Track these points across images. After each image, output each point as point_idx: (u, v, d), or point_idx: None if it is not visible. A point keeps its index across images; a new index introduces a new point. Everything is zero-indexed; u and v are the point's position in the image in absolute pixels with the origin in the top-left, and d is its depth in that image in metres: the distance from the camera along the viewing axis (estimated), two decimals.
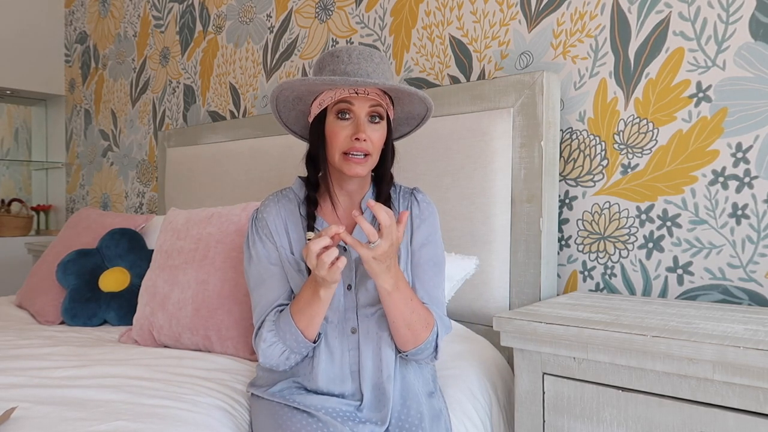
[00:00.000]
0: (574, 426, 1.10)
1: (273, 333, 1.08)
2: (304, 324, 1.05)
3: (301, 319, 1.05)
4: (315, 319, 1.05)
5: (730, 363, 0.92)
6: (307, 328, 1.05)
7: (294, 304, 1.07)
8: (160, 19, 2.87)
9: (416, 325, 1.06)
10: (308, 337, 1.06)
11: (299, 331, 1.05)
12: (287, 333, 1.06)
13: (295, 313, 1.06)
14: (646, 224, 1.47)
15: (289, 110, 1.18)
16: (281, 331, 1.07)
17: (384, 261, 0.98)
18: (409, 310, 1.05)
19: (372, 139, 1.07)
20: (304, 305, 1.04)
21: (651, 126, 1.46)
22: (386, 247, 0.96)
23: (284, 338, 1.06)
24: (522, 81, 1.53)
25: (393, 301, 1.03)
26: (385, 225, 0.95)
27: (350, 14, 2.08)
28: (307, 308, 1.04)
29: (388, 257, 0.98)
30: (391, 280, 1.01)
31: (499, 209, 1.55)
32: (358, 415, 1.07)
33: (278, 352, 1.08)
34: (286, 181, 2.05)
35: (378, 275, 1.00)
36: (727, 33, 1.35)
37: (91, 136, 3.35)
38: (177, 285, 1.52)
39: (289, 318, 1.06)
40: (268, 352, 1.08)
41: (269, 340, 1.08)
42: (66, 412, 1.02)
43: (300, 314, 1.05)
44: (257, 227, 1.15)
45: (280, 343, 1.07)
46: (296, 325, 1.05)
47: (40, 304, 1.90)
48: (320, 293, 1.01)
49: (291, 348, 1.07)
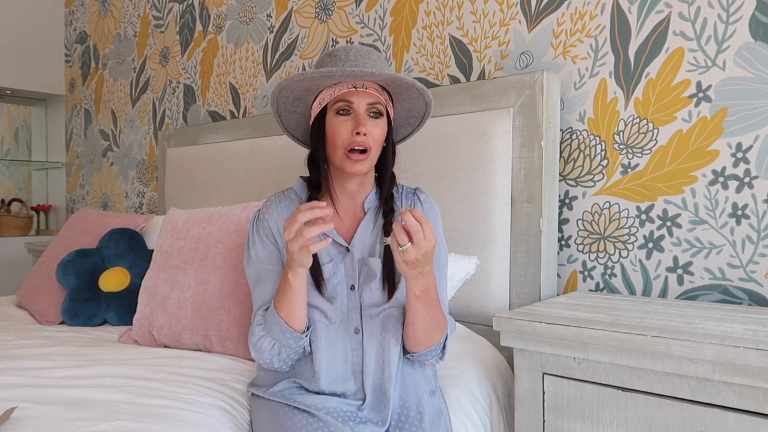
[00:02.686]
0: (574, 426, 1.10)
1: (261, 327, 1.09)
2: (284, 313, 1.05)
3: (282, 308, 1.06)
4: (293, 307, 1.05)
5: (730, 363, 0.92)
6: (289, 317, 1.05)
7: (276, 295, 1.08)
8: (160, 19, 2.87)
9: (432, 330, 1.07)
10: (293, 327, 1.06)
11: (283, 321, 1.05)
12: (273, 324, 1.07)
13: (276, 303, 1.07)
14: (646, 224, 1.47)
15: (290, 113, 1.18)
16: (268, 323, 1.08)
17: (416, 267, 0.97)
18: (431, 315, 1.05)
19: (373, 134, 1.07)
20: (280, 293, 1.06)
21: (651, 126, 1.46)
22: (418, 255, 0.95)
23: (271, 330, 1.07)
24: (522, 81, 1.53)
25: (419, 305, 1.03)
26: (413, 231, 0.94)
27: (350, 14, 2.08)
28: (283, 296, 1.05)
29: (420, 264, 0.96)
30: (421, 287, 1.00)
31: (499, 209, 1.55)
32: (359, 415, 1.07)
33: (268, 346, 1.08)
34: (286, 181, 2.05)
35: (409, 279, 0.99)
36: (727, 33, 1.36)
37: (91, 136, 3.35)
38: (177, 285, 1.52)
39: (272, 308, 1.07)
40: (258, 345, 1.09)
41: (258, 334, 1.09)
42: (66, 412, 1.02)
43: (279, 304, 1.06)
44: (258, 228, 1.15)
45: (269, 336, 1.08)
46: (278, 314, 1.06)
47: (40, 304, 1.90)
48: (289, 277, 1.02)
49: (279, 341, 1.07)
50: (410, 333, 1.08)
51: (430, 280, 1.01)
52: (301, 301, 1.05)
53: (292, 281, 1.02)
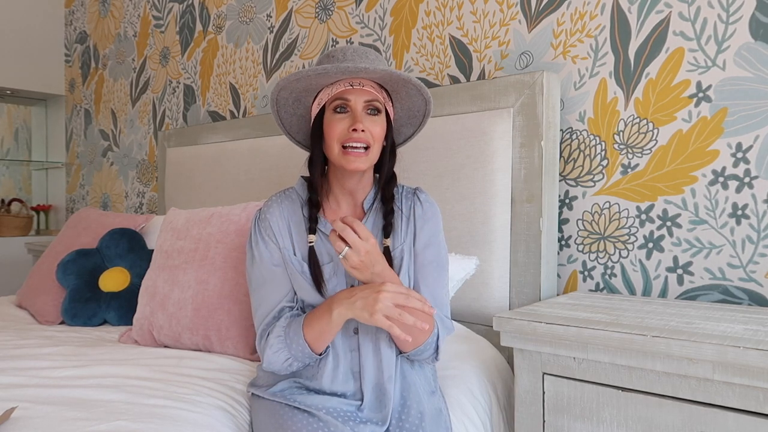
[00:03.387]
0: (574, 426, 1.10)
1: (281, 339, 1.08)
2: (312, 338, 1.05)
3: (310, 333, 1.05)
4: (324, 336, 1.05)
5: (730, 363, 0.92)
6: (315, 342, 1.06)
7: (307, 317, 1.07)
8: (160, 19, 2.87)
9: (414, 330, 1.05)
10: (315, 350, 1.07)
11: (306, 344, 1.05)
12: (294, 343, 1.06)
13: (306, 326, 1.06)
14: (646, 224, 1.47)
15: (291, 115, 1.18)
16: (289, 340, 1.07)
17: (365, 270, 0.99)
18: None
19: (372, 131, 1.06)
20: (317, 320, 1.05)
21: (651, 126, 1.46)
22: (357, 257, 0.97)
23: (291, 347, 1.07)
24: (522, 81, 1.53)
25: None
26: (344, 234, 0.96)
27: (350, 14, 2.08)
28: (317, 324, 1.05)
29: (368, 266, 0.99)
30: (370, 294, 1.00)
31: (499, 209, 1.55)
32: (359, 415, 1.07)
33: (282, 359, 1.08)
34: (286, 180, 2.05)
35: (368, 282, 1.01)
36: (727, 33, 1.36)
37: (91, 136, 3.35)
38: (177, 285, 1.52)
39: (299, 329, 1.06)
40: (272, 358, 1.08)
41: (275, 347, 1.08)
42: (66, 412, 1.02)
43: (310, 328, 1.05)
44: (260, 228, 1.15)
45: (286, 350, 1.07)
46: (305, 337, 1.05)
47: (40, 304, 1.90)
48: (335, 315, 1.02)
49: (295, 357, 1.07)
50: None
51: (387, 276, 1.02)
52: (334, 334, 1.05)
53: (337, 320, 1.02)
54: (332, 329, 1.04)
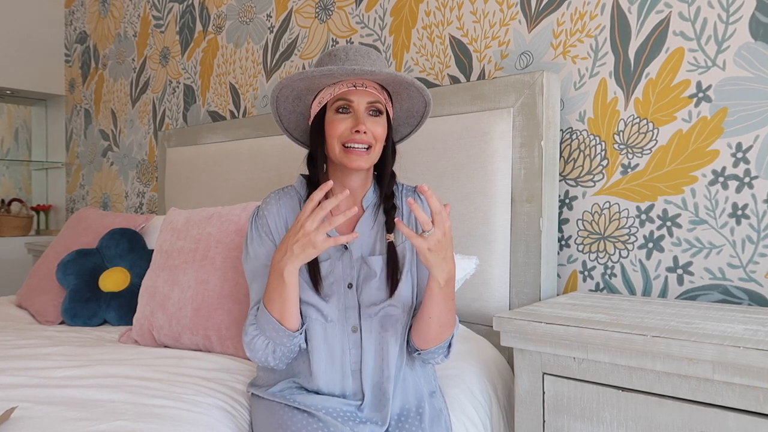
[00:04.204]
0: (574, 426, 1.10)
1: (254, 326, 1.08)
2: (277, 312, 1.04)
3: (274, 308, 1.04)
4: (287, 305, 1.03)
5: (730, 363, 0.92)
6: (282, 316, 1.04)
7: (265, 294, 1.06)
8: (160, 19, 2.87)
9: (446, 325, 1.06)
10: (287, 326, 1.05)
11: (275, 321, 1.04)
12: (265, 323, 1.05)
13: (267, 302, 1.05)
14: (646, 224, 1.47)
15: (290, 112, 1.18)
16: (260, 323, 1.06)
17: (439, 252, 0.96)
18: (448, 309, 1.04)
19: (374, 132, 1.07)
20: (272, 292, 1.04)
21: (651, 126, 1.46)
22: (440, 236, 0.95)
23: (264, 330, 1.06)
24: (522, 81, 1.53)
25: (439, 297, 1.02)
26: (436, 211, 0.94)
27: (350, 14, 2.08)
28: (276, 295, 1.03)
29: (443, 248, 0.96)
30: (445, 274, 0.99)
31: (499, 209, 1.55)
32: (359, 415, 1.07)
33: (262, 345, 1.07)
34: (285, 181, 2.05)
35: (434, 267, 0.98)
36: (727, 33, 1.36)
37: (91, 136, 3.35)
38: (177, 285, 1.52)
39: (263, 307, 1.06)
40: (252, 345, 1.08)
41: (251, 333, 1.08)
42: (66, 412, 1.02)
43: (271, 303, 1.04)
44: (257, 225, 1.15)
45: (262, 335, 1.06)
46: (270, 314, 1.04)
47: (40, 304, 1.90)
48: (284, 275, 1.00)
49: (273, 339, 1.06)
50: (424, 328, 1.06)
51: (452, 266, 1.01)
52: (294, 299, 1.04)
53: (287, 279, 1.00)
54: (290, 291, 1.02)
